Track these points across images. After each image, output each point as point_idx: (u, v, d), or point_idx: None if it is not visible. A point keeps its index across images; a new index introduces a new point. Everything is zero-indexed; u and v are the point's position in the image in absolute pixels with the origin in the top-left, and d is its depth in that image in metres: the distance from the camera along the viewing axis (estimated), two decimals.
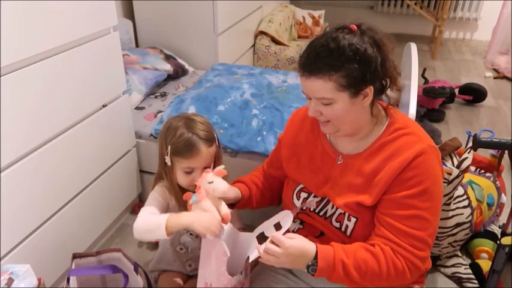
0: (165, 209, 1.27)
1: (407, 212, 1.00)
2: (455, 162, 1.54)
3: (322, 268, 0.98)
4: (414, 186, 1.00)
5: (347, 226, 1.09)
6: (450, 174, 1.45)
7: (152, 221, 1.13)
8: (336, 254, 0.99)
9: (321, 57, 0.96)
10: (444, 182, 1.45)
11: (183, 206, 1.21)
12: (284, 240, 0.96)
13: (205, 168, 1.24)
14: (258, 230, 1.11)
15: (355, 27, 0.98)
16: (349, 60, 0.94)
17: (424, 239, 1.00)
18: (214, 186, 1.11)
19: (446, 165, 1.51)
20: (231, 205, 1.23)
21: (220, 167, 1.16)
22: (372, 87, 0.98)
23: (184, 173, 1.24)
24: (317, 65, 0.96)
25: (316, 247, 0.99)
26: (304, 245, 0.99)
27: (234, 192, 1.20)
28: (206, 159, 1.23)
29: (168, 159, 1.23)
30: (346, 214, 1.08)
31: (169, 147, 1.22)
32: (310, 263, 0.99)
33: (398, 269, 0.99)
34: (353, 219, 1.07)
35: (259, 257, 1.00)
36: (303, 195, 1.18)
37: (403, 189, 1.00)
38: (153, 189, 1.31)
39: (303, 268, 1.00)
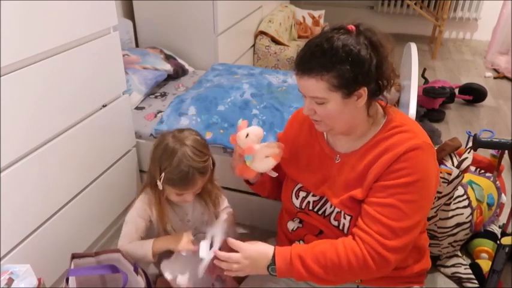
0: (146, 228, 1.33)
1: (385, 200, 0.99)
2: (455, 162, 1.54)
3: (281, 266, 1.01)
4: (400, 178, 0.99)
5: (344, 224, 1.09)
6: (450, 174, 1.45)
7: (139, 251, 1.27)
8: (292, 250, 1.01)
9: (314, 57, 0.97)
10: (444, 182, 1.45)
11: (162, 220, 1.29)
12: (242, 245, 1.02)
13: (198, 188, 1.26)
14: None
15: (352, 27, 0.98)
16: (341, 61, 0.95)
17: (394, 229, 0.98)
18: (253, 133, 1.13)
19: (446, 165, 1.51)
20: (249, 183, 1.32)
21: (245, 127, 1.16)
22: (365, 89, 0.98)
23: (175, 195, 1.26)
24: (310, 64, 0.97)
25: (275, 248, 1.03)
26: (263, 248, 1.04)
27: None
28: (197, 188, 1.26)
29: (159, 184, 1.21)
30: (342, 212, 1.09)
31: (163, 174, 1.19)
32: (269, 263, 1.02)
33: (359, 256, 0.98)
34: (348, 217, 1.08)
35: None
36: (302, 194, 1.19)
37: (388, 179, 1.00)
38: (137, 201, 1.32)
39: (264, 271, 1.04)
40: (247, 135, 1.12)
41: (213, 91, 1.90)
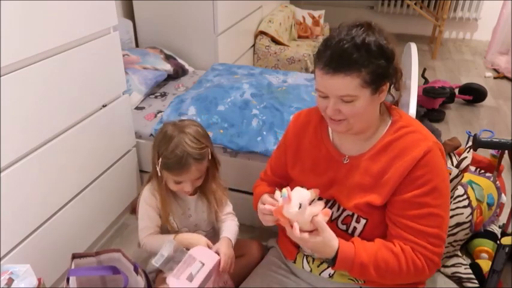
0: (159, 217, 1.36)
1: (421, 211, 1.01)
2: (455, 162, 1.54)
3: (339, 268, 1.02)
4: (425, 185, 1.00)
5: (355, 228, 1.08)
6: (450, 173, 1.45)
7: (160, 244, 1.21)
8: (356, 258, 1.00)
9: (349, 54, 0.94)
10: None
11: (165, 208, 1.32)
12: (324, 227, 0.98)
13: (196, 179, 1.28)
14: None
15: (371, 24, 0.98)
16: (375, 56, 0.95)
17: (440, 235, 1.02)
18: (304, 201, 0.99)
19: (446, 165, 1.51)
20: None
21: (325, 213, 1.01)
22: (388, 84, 1.00)
23: (174, 182, 1.28)
24: (346, 61, 0.94)
25: (337, 251, 1.00)
26: (331, 240, 1.00)
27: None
28: (196, 175, 1.26)
29: (158, 170, 1.25)
30: (355, 216, 1.08)
31: (160, 159, 1.24)
32: (328, 260, 1.03)
33: (418, 267, 1.01)
34: (362, 221, 1.07)
35: None
36: None
37: (413, 188, 1.01)
38: (144, 190, 1.36)
39: (324, 256, 1.04)
40: (300, 206, 0.97)
41: (213, 91, 1.90)
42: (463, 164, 1.44)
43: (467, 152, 1.49)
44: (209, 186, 1.36)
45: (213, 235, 1.44)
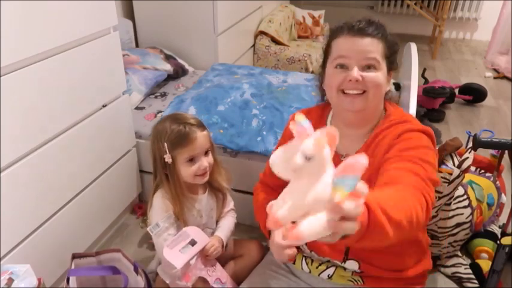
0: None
1: (407, 162, 0.93)
2: (456, 163, 1.54)
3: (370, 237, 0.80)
4: (408, 143, 0.98)
5: None
6: (451, 174, 1.45)
7: None
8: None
9: (372, 23, 1.01)
10: (444, 182, 1.45)
11: (180, 208, 1.31)
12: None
13: (206, 152, 1.29)
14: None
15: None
16: (387, 35, 1.02)
17: (431, 178, 0.93)
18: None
19: (447, 165, 1.51)
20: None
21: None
22: (392, 74, 1.05)
23: (187, 164, 1.27)
24: (372, 26, 1.01)
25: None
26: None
27: None
28: (204, 144, 1.28)
29: (168, 157, 1.26)
30: None
31: (165, 144, 1.25)
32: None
33: (417, 195, 0.88)
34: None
35: None
36: None
37: (396, 148, 0.98)
38: (154, 199, 1.33)
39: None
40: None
41: (213, 91, 1.90)
42: (465, 165, 1.44)
43: (469, 153, 1.49)
44: (215, 179, 1.38)
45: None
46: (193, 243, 1.26)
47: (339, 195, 0.51)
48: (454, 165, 1.53)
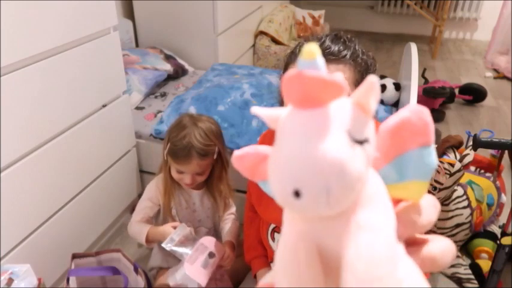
0: (153, 210, 1.42)
1: None
2: (458, 157, 1.54)
3: None
4: None
5: None
6: (452, 165, 1.45)
7: (137, 233, 1.35)
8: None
9: (342, 43, 0.89)
10: (446, 173, 1.45)
11: (168, 198, 1.36)
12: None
13: (197, 174, 1.30)
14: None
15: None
16: (358, 59, 0.89)
17: None
18: None
19: (449, 156, 1.52)
20: None
21: None
22: None
23: (175, 170, 1.31)
24: (344, 51, 0.87)
25: None
26: None
27: None
28: (196, 169, 1.28)
29: (165, 154, 1.30)
30: None
31: (168, 144, 1.28)
32: None
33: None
34: None
35: None
36: (277, 236, 1.12)
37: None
38: (152, 180, 1.42)
39: None
40: None
41: (213, 91, 1.90)
42: (465, 160, 1.45)
43: (470, 150, 1.49)
44: (216, 185, 1.38)
45: (214, 232, 1.45)
46: (211, 255, 1.22)
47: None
48: (455, 158, 1.54)
